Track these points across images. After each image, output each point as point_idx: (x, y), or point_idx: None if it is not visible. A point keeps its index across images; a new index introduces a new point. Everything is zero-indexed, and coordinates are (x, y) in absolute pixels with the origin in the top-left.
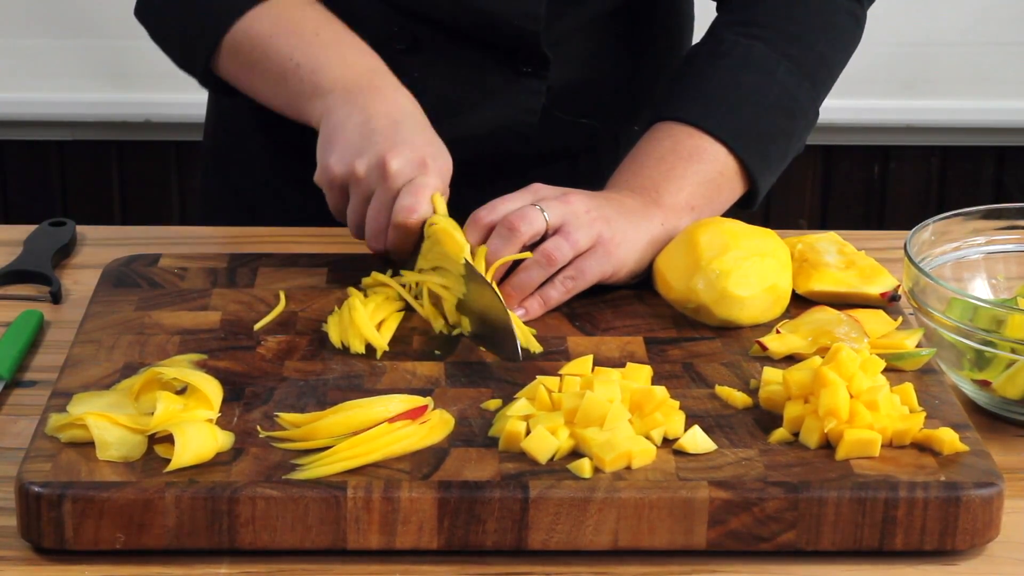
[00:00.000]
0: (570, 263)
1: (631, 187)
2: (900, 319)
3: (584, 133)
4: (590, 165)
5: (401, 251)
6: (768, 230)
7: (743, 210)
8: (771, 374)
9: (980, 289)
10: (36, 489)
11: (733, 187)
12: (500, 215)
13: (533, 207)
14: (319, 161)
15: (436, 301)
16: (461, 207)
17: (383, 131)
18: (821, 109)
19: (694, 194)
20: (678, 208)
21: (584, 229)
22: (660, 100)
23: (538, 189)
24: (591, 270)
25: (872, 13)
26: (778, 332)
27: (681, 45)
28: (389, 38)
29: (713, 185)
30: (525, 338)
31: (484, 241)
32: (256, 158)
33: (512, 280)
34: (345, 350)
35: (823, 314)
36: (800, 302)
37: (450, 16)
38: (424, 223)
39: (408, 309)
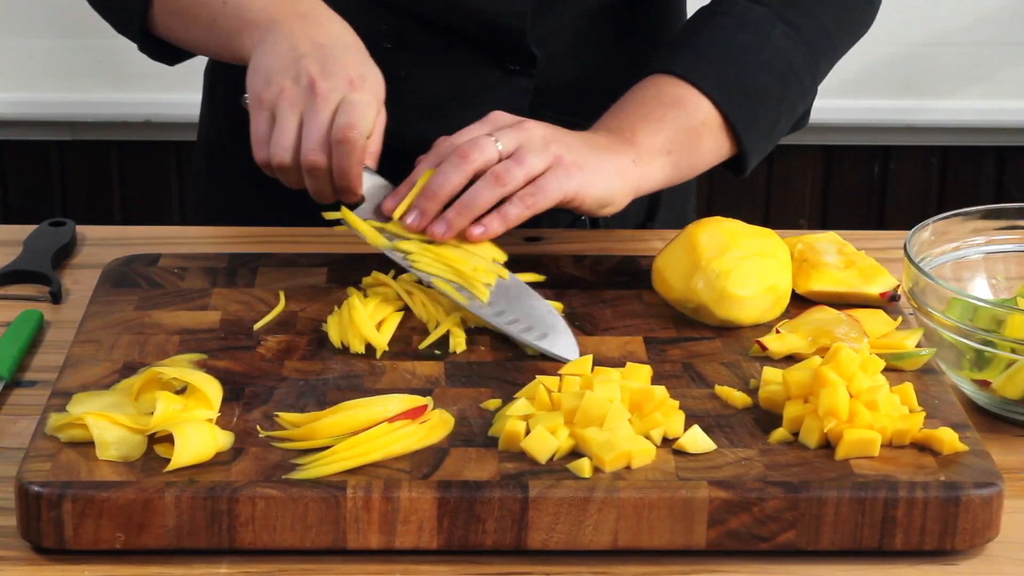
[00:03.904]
0: (530, 183)
1: (607, 128)
2: (900, 319)
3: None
4: None
5: (347, 177)
6: (768, 230)
7: (734, 175)
8: (771, 374)
9: (980, 289)
10: (36, 489)
11: (716, 140)
12: (455, 145)
13: (488, 136)
14: (248, 87)
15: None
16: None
17: (311, 54)
18: (821, 109)
19: (672, 139)
20: (653, 149)
21: (538, 153)
22: (653, 56)
23: (496, 118)
24: (550, 187)
25: None
26: (778, 332)
27: None
28: (376, 36)
29: (693, 134)
30: (494, 269)
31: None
32: (249, 158)
33: (460, 199)
34: (345, 350)
35: (823, 314)
36: (800, 302)
37: (437, 14)
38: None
39: (408, 309)
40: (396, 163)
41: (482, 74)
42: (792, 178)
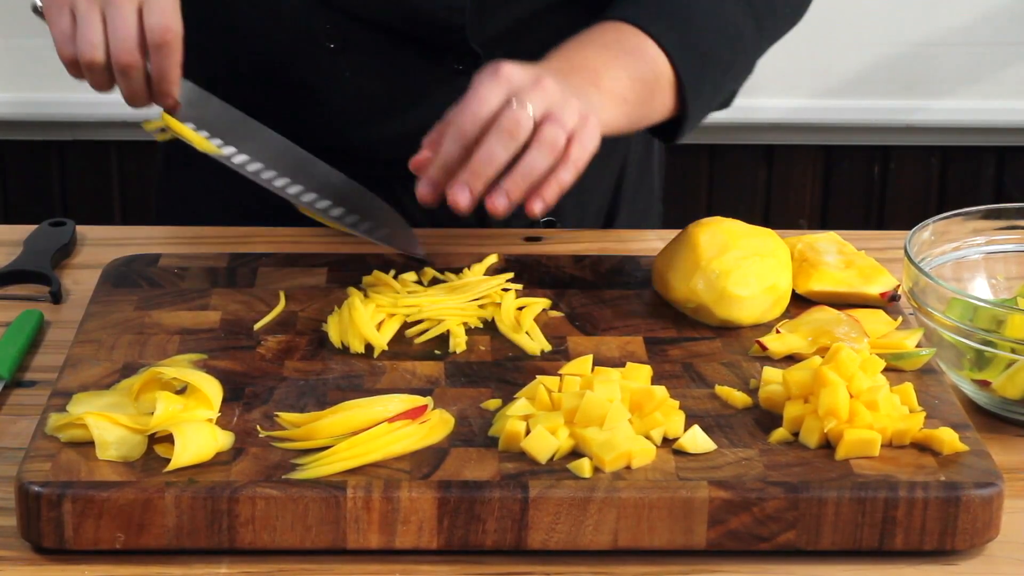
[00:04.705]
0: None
1: (571, 64)
2: (900, 319)
3: None
4: None
5: (167, 81)
6: (768, 230)
7: (663, 142)
8: (771, 374)
9: (980, 289)
10: (36, 489)
11: (664, 99)
12: (483, 119)
13: (518, 105)
14: None
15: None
16: (400, 210)
17: None
18: (821, 109)
19: (631, 88)
20: (615, 94)
21: (566, 110)
22: (613, 4)
23: (509, 76)
24: (588, 142)
25: (872, 13)
26: (778, 332)
27: None
28: (319, 36)
29: (648, 87)
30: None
31: (467, 147)
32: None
33: (520, 170)
34: (345, 350)
35: (823, 314)
36: (800, 302)
37: (377, 12)
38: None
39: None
40: (343, 163)
41: (427, 74)
42: (792, 178)
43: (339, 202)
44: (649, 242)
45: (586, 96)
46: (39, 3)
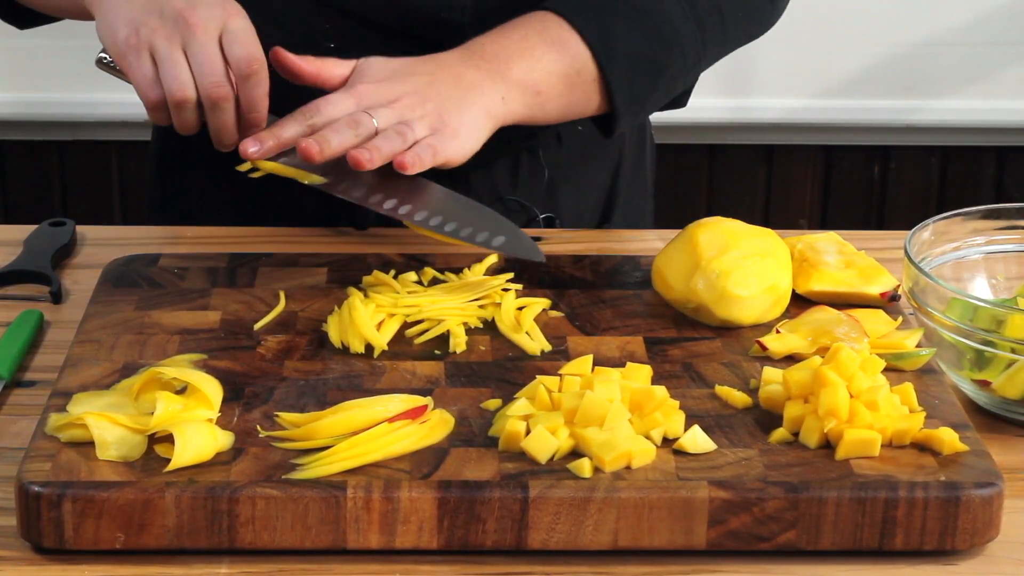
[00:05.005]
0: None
1: (483, 53)
2: (900, 319)
3: (523, 132)
4: (532, 165)
5: (257, 109)
6: (768, 230)
7: (602, 136)
8: (771, 374)
9: (980, 289)
10: (36, 489)
11: (589, 94)
12: (326, 119)
13: (365, 114)
14: (106, 38)
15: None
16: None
17: None
18: (821, 109)
19: (545, 80)
20: (524, 85)
21: (420, 124)
22: None
23: (363, 92)
24: (441, 150)
25: (872, 13)
26: (778, 332)
27: None
28: (319, 37)
29: (567, 80)
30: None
31: (301, 135)
32: (202, 162)
33: (370, 143)
34: (345, 350)
35: (823, 314)
36: (800, 302)
37: (377, 12)
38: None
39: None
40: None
41: None
42: (792, 178)
43: (449, 216)
44: (649, 242)
45: (490, 93)
46: (106, 56)
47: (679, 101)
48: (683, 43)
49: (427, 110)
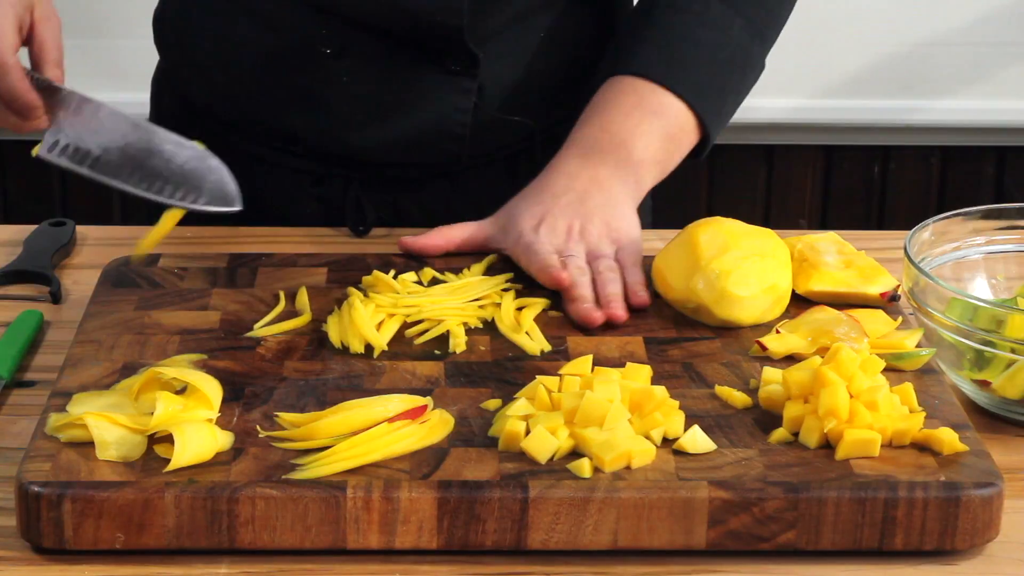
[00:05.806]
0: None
1: (600, 145)
2: (900, 319)
3: (520, 133)
4: (529, 167)
5: (17, 97)
6: (768, 230)
7: (693, 159)
8: (771, 374)
9: (980, 289)
10: (36, 489)
11: (690, 141)
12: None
13: (572, 258)
14: None
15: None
16: (400, 212)
17: None
18: (821, 109)
19: (661, 149)
20: (647, 163)
21: (602, 244)
22: (618, 52)
23: (544, 241)
24: (630, 260)
25: (872, 13)
26: (778, 332)
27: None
28: (316, 42)
29: (675, 140)
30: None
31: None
32: None
33: (605, 295)
34: (345, 350)
35: (823, 314)
36: (800, 302)
37: (374, 17)
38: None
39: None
40: (341, 167)
41: (424, 76)
42: (792, 178)
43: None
44: (649, 242)
45: (626, 185)
46: None
47: None
48: (752, 62)
49: (596, 226)
